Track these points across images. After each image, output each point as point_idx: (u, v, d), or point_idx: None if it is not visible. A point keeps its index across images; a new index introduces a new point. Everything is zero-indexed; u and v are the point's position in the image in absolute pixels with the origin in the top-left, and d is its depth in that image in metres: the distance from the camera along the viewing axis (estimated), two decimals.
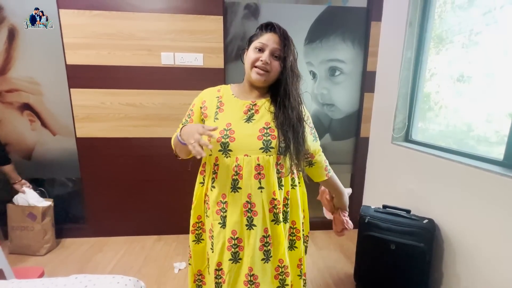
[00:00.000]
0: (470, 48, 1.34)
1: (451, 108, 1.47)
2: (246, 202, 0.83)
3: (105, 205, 1.99)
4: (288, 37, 0.84)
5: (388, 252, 1.31)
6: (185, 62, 1.82)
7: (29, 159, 1.91)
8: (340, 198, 1.05)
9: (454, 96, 1.44)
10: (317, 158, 0.96)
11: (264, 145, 0.82)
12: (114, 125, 1.86)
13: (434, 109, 1.58)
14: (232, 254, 0.85)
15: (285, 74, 0.84)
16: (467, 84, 1.37)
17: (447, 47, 1.48)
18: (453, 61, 1.43)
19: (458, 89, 1.42)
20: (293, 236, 0.95)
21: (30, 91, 1.82)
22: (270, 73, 0.83)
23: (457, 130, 1.44)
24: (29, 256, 1.79)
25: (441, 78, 1.51)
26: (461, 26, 1.38)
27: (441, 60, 1.52)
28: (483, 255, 1.14)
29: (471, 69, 1.34)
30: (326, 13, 1.89)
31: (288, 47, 0.83)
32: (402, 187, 1.66)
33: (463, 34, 1.37)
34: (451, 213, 1.29)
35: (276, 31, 0.83)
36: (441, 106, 1.53)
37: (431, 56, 1.58)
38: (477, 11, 1.30)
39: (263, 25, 0.86)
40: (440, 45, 1.52)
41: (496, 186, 1.08)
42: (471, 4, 1.34)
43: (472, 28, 1.32)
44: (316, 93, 2.00)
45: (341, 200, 1.05)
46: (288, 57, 0.83)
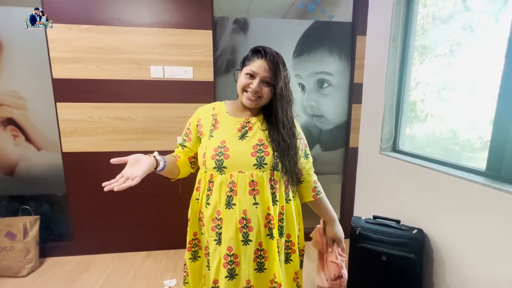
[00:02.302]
0: (451, 59, 1.40)
1: (437, 116, 1.51)
2: (242, 218, 0.83)
3: (92, 222, 1.93)
4: (278, 64, 0.84)
5: (380, 264, 1.32)
6: (175, 75, 1.82)
7: (12, 175, 1.84)
8: (331, 224, 1.00)
9: (439, 104, 1.49)
10: (306, 177, 0.96)
11: (257, 162, 0.84)
12: (102, 139, 1.83)
13: (421, 117, 1.63)
14: (228, 271, 0.84)
15: (275, 100, 0.86)
16: (451, 92, 1.42)
17: (430, 57, 1.53)
18: (436, 71, 1.49)
19: (443, 97, 1.47)
20: (288, 249, 0.95)
21: (14, 106, 1.77)
22: (261, 98, 0.85)
23: (443, 137, 1.48)
24: (10, 278, 1.70)
25: (427, 87, 1.56)
26: (443, 38, 1.44)
27: (425, 70, 1.57)
28: (470, 265, 1.15)
29: (453, 78, 1.40)
30: (313, 27, 1.94)
31: (278, 74, 0.83)
32: (391, 197, 1.69)
33: (444, 45, 1.43)
34: (439, 223, 1.32)
35: (266, 58, 0.83)
36: (427, 114, 1.58)
37: (415, 66, 1.64)
38: (456, 24, 1.37)
39: (255, 50, 0.86)
40: (424, 55, 1.58)
41: (480, 196, 1.11)
42: (451, 17, 1.41)
43: (453, 39, 1.38)
44: (305, 104, 2.03)
45: (333, 227, 1.00)
46: (278, 84, 0.84)
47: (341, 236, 1.01)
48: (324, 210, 1.00)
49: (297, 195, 0.99)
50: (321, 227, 1.05)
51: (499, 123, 1.10)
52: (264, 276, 0.88)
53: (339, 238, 1.01)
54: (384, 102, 1.74)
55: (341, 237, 1.01)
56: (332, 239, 1.02)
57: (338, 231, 1.01)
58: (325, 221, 1.03)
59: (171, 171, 0.88)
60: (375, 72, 1.85)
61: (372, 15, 1.88)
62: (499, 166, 1.10)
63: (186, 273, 1.00)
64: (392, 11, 1.64)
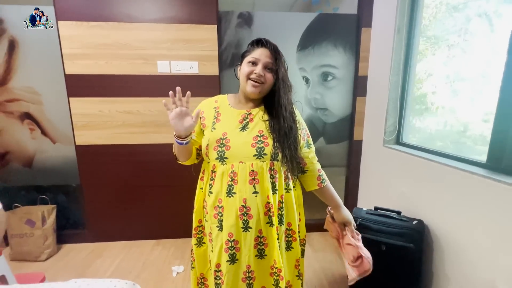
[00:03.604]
0: (465, 49, 1.34)
1: (448, 108, 1.47)
2: (242, 206, 0.87)
3: (104, 211, 2.03)
4: (278, 51, 0.90)
5: (379, 253, 1.34)
6: (181, 70, 1.87)
7: (30, 167, 1.95)
8: (338, 210, 1.04)
9: (451, 96, 1.45)
10: (309, 166, 0.99)
11: (257, 152, 0.87)
12: (112, 133, 1.91)
13: (431, 109, 1.58)
14: (229, 256, 0.89)
15: (278, 84, 0.90)
16: (464, 83, 1.37)
17: (443, 48, 1.48)
18: (449, 62, 1.44)
19: (455, 89, 1.42)
20: (289, 237, 0.99)
21: (30, 101, 1.87)
22: (265, 84, 0.89)
23: (454, 130, 1.44)
24: (30, 262, 1.82)
25: (438, 79, 1.51)
26: (456, 27, 1.38)
27: (437, 61, 1.52)
28: (469, 255, 1.17)
29: (466, 69, 1.34)
30: (317, 20, 1.94)
31: (279, 59, 0.89)
32: (394, 189, 1.70)
33: (457, 33, 1.37)
34: (440, 214, 1.33)
35: (267, 46, 0.88)
36: (437, 107, 1.54)
37: (427, 57, 1.59)
38: (471, 12, 1.31)
39: (254, 41, 0.91)
40: (436, 45, 1.52)
41: (480, 188, 1.12)
42: (465, 6, 1.35)
43: (467, 28, 1.33)
44: (309, 98, 2.05)
45: (340, 212, 1.04)
46: (279, 69, 0.89)
47: (350, 219, 1.06)
48: (330, 197, 1.04)
49: (298, 185, 1.02)
50: (329, 216, 1.08)
51: (501, 115, 1.10)
52: (265, 262, 0.92)
53: (348, 221, 1.05)
54: (388, 94, 1.74)
55: (350, 220, 1.06)
56: (342, 223, 1.06)
57: (346, 215, 1.05)
58: (332, 208, 1.06)
59: (188, 149, 0.93)
60: (380, 65, 1.84)
61: (378, 6, 1.87)
62: (499, 157, 1.11)
63: (192, 258, 1.07)
64: (397, 2, 1.63)
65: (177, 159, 0.98)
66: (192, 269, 1.08)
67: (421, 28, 1.59)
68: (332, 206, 1.06)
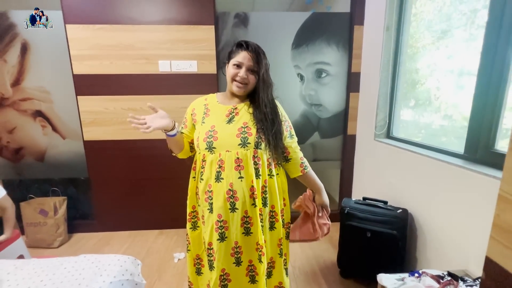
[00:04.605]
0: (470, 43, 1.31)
1: (451, 103, 1.46)
2: (229, 190, 0.98)
3: (111, 203, 2.16)
4: (260, 53, 0.99)
5: (365, 240, 1.44)
6: (181, 69, 1.97)
7: (42, 161, 2.09)
8: (319, 193, 1.15)
9: (455, 91, 1.43)
10: (292, 155, 1.10)
11: (241, 142, 0.98)
12: (117, 129, 2.03)
13: (434, 105, 1.56)
14: (219, 235, 0.99)
15: (259, 84, 1.01)
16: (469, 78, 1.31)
17: (447, 42, 1.44)
18: (454, 56, 1.41)
19: (459, 84, 1.39)
20: (272, 218, 1.09)
21: (41, 99, 2.00)
22: (248, 85, 1.01)
23: (458, 125, 1.41)
24: (44, 249, 1.97)
25: (441, 74, 1.49)
26: (462, 21, 1.35)
27: (441, 56, 1.48)
28: (447, 240, 1.25)
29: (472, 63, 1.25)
30: (311, 19, 2.01)
31: (260, 62, 0.99)
32: (383, 181, 1.78)
33: (463, 28, 1.34)
34: (423, 203, 1.41)
35: (249, 50, 0.98)
36: (441, 102, 1.53)
37: (431, 51, 1.56)
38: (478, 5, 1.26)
39: (238, 43, 1.01)
40: (442, 40, 1.48)
41: (458, 178, 1.19)
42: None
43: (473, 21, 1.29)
44: (304, 94, 2.13)
45: (321, 195, 1.15)
46: (260, 71, 0.99)
47: (327, 202, 1.17)
48: (312, 182, 1.14)
49: (282, 172, 1.12)
50: (309, 195, 1.19)
51: (476, 106, 1.16)
52: (251, 239, 1.02)
53: (326, 204, 1.17)
54: (378, 90, 1.81)
55: (327, 202, 1.17)
56: (320, 205, 1.17)
57: (325, 199, 1.16)
58: (315, 191, 1.17)
59: (178, 142, 1.06)
60: (371, 61, 1.90)
61: (369, 4, 1.93)
62: (475, 148, 1.18)
63: (188, 241, 1.17)
64: (386, 0, 1.69)
65: (172, 152, 1.11)
66: (188, 251, 1.19)
67: (425, 22, 1.57)
68: (315, 190, 1.17)
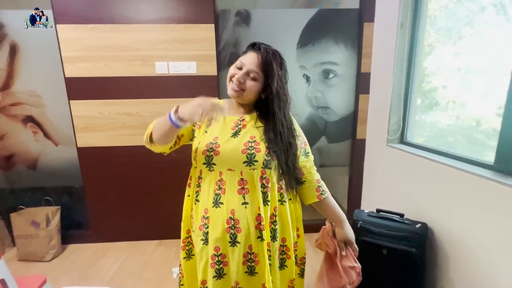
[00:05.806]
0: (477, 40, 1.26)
1: (459, 102, 1.38)
2: (230, 218, 0.81)
3: (107, 212, 2.05)
4: (271, 61, 0.80)
5: (381, 258, 1.30)
6: (179, 70, 1.85)
7: (34, 169, 1.99)
8: (340, 226, 0.92)
9: (463, 90, 1.36)
10: (307, 176, 0.91)
11: (247, 159, 0.81)
12: (112, 134, 1.92)
13: (441, 104, 1.50)
14: (216, 271, 0.83)
15: (272, 100, 0.83)
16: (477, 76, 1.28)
17: (454, 39, 1.38)
18: (461, 54, 1.34)
19: (467, 82, 1.34)
20: (283, 254, 0.90)
21: (32, 104, 1.90)
22: (245, 92, 0.83)
23: (466, 125, 1.35)
24: (36, 262, 1.87)
25: (449, 72, 1.43)
26: (469, 18, 1.30)
27: (448, 54, 1.42)
28: (475, 260, 1.12)
29: (480, 61, 1.25)
30: (317, 16, 1.88)
31: (269, 70, 0.80)
32: (397, 190, 1.65)
33: (470, 25, 1.29)
34: (445, 217, 1.27)
35: (259, 52, 0.81)
36: (448, 101, 1.47)
37: (437, 49, 1.50)
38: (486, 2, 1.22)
39: (252, 43, 0.85)
40: (448, 37, 1.43)
41: (487, 191, 1.06)
42: None
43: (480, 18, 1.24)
44: (310, 96, 2.00)
45: (343, 228, 0.92)
46: (272, 83, 0.81)
47: (353, 237, 0.94)
48: (331, 211, 0.93)
49: (296, 198, 0.93)
50: (329, 229, 0.97)
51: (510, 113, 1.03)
52: (255, 280, 0.85)
53: (350, 240, 0.94)
54: (391, 92, 1.67)
55: (353, 238, 0.94)
56: (343, 241, 0.95)
57: (349, 233, 0.93)
58: (333, 223, 0.96)
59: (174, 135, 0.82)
60: (383, 61, 1.77)
61: (380, 0, 1.79)
62: (508, 159, 1.04)
63: (181, 274, 0.98)
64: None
65: (150, 141, 0.84)
66: (181, 286, 0.98)
67: (431, 20, 1.50)
68: (333, 221, 0.96)
